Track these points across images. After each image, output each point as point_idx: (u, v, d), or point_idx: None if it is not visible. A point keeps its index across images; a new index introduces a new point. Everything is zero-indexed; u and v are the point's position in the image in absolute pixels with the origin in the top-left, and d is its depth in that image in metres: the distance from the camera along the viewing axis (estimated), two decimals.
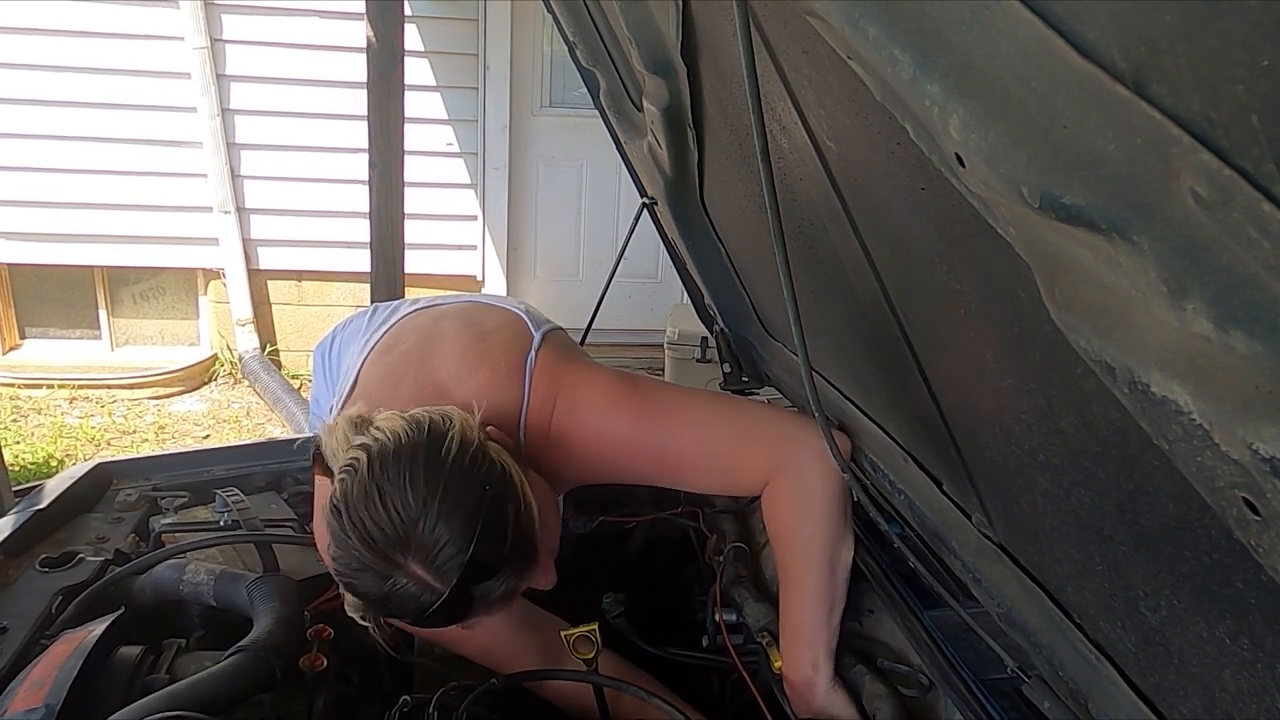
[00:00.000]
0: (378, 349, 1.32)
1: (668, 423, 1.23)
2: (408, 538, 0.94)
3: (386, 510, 0.95)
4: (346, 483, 0.97)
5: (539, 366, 1.23)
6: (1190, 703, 0.71)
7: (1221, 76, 0.35)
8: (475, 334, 1.28)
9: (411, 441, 0.99)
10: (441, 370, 1.23)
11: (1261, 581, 0.53)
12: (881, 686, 1.19)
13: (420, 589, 0.95)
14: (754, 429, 1.25)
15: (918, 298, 0.87)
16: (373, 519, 0.95)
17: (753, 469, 1.25)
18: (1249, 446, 0.40)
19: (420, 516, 0.94)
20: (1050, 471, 0.75)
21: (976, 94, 0.47)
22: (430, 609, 0.96)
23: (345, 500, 0.97)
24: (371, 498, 0.95)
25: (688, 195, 1.52)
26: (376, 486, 0.95)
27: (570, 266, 5.31)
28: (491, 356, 1.23)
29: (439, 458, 0.98)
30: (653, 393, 1.27)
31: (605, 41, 1.57)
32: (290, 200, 4.81)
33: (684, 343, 3.95)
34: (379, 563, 0.95)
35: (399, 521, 0.94)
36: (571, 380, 1.24)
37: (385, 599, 0.96)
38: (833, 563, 1.24)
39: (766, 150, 0.75)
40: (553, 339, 1.30)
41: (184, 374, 4.83)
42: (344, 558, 0.97)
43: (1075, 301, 0.49)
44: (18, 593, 1.24)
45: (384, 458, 0.97)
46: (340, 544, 0.97)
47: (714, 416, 1.26)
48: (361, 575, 0.96)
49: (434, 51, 4.68)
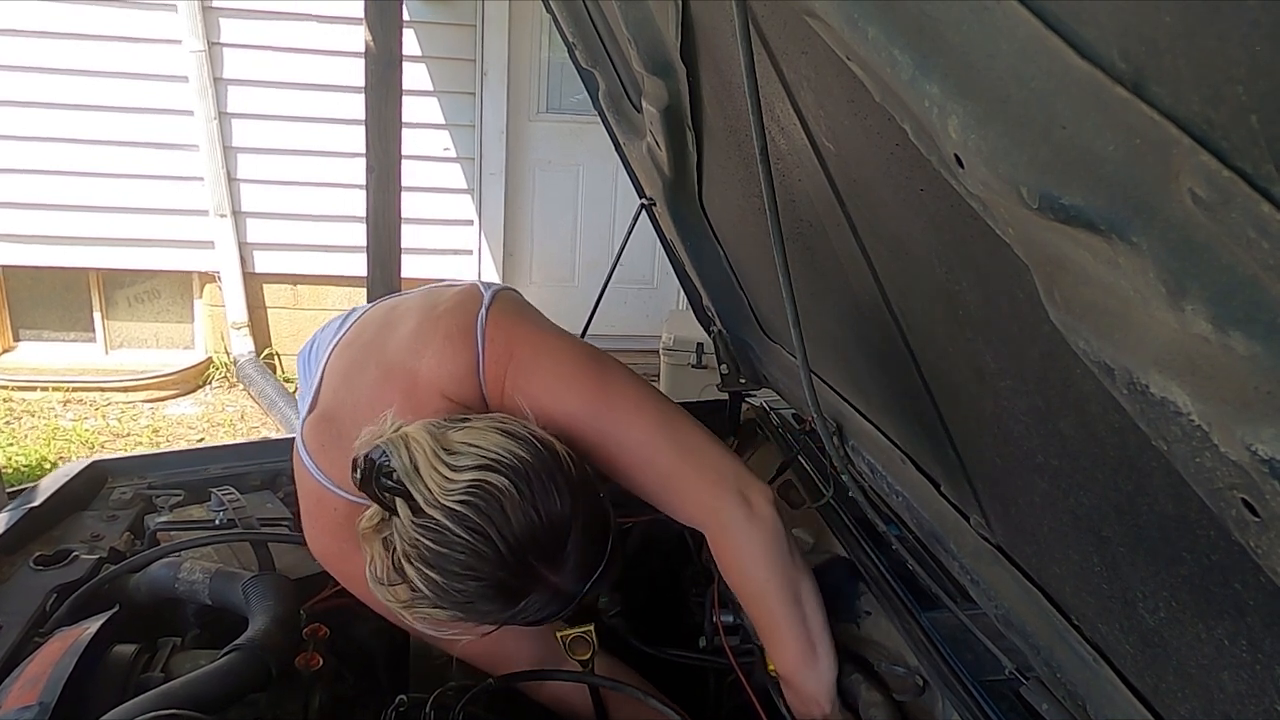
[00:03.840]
0: (340, 345, 1.32)
1: (619, 414, 1.19)
2: (556, 550, 0.98)
3: (544, 525, 0.97)
4: (485, 505, 0.96)
5: (490, 322, 1.19)
6: (1188, 704, 0.71)
7: (1221, 77, 0.35)
8: (427, 308, 1.26)
9: (538, 456, 1.01)
10: (399, 351, 1.21)
11: (1260, 583, 0.53)
12: (877, 694, 1.19)
13: (549, 599, 0.99)
14: (694, 460, 1.21)
15: (916, 298, 0.87)
16: (531, 535, 0.97)
17: (686, 499, 1.22)
18: (1248, 447, 0.40)
19: (569, 527, 0.98)
20: (1049, 473, 0.76)
21: (976, 94, 0.48)
22: (555, 616, 1.02)
23: (491, 521, 0.95)
24: (529, 516, 0.96)
25: (686, 196, 1.53)
26: (531, 506, 0.97)
27: (566, 271, 5.31)
28: (443, 324, 1.21)
29: (566, 470, 1.02)
30: (616, 374, 1.22)
31: (605, 42, 1.57)
32: (286, 204, 4.80)
33: (679, 348, 3.96)
34: (524, 579, 0.98)
35: (553, 534, 0.98)
36: (531, 339, 1.20)
37: (511, 617, 1.00)
38: (796, 603, 1.21)
39: (766, 151, 0.75)
40: (504, 298, 1.26)
41: (178, 377, 4.82)
42: (479, 578, 0.96)
43: (1074, 302, 0.49)
44: (12, 590, 1.24)
45: (524, 477, 0.98)
46: (473, 566, 0.95)
47: (664, 430, 1.21)
48: (495, 593, 0.97)
49: (431, 56, 4.68)
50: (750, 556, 1.19)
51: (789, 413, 1.90)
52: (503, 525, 0.95)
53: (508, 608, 0.98)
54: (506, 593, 0.97)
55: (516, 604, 0.98)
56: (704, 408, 2.03)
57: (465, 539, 0.95)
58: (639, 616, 1.47)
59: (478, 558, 0.95)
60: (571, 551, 0.99)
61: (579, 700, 1.24)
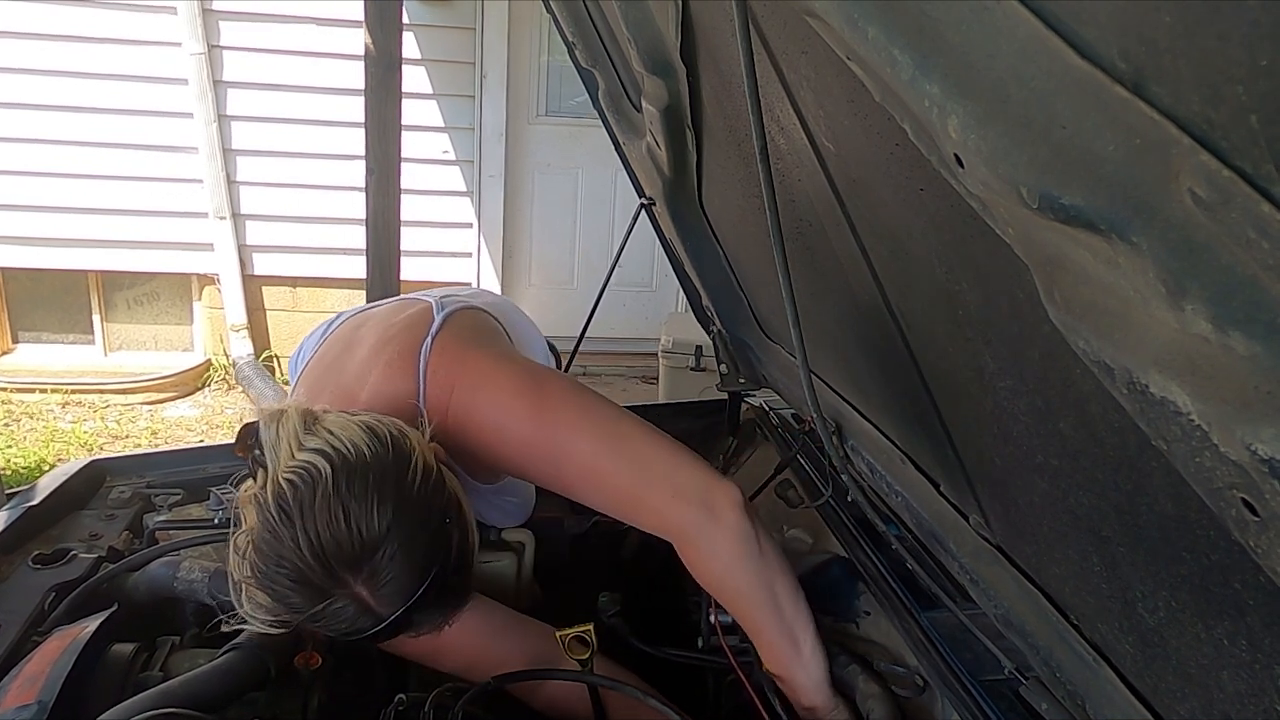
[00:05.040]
0: (311, 364, 1.31)
1: (565, 441, 1.15)
2: (364, 561, 0.93)
3: (350, 530, 0.92)
4: (301, 491, 0.94)
5: (435, 350, 1.17)
6: (1188, 704, 0.71)
7: (1221, 77, 0.35)
8: (380, 331, 1.25)
9: (379, 460, 0.97)
10: (351, 376, 1.20)
11: (1260, 582, 0.53)
12: (875, 686, 1.19)
13: (359, 612, 0.94)
14: (649, 474, 1.17)
15: (916, 298, 0.87)
16: (333, 536, 0.92)
17: (648, 513, 1.19)
18: (1248, 447, 0.40)
19: (383, 544, 0.93)
20: (1048, 472, 0.76)
21: (976, 94, 0.48)
22: (364, 632, 0.95)
23: (301, 508, 0.93)
24: (335, 516, 0.92)
25: (686, 196, 1.53)
26: (342, 505, 0.93)
27: (565, 274, 5.31)
28: (388, 350, 1.19)
29: (405, 484, 0.97)
30: (558, 402, 1.17)
31: (604, 42, 1.57)
32: (286, 206, 4.81)
33: (678, 351, 3.97)
34: (327, 580, 0.93)
35: (360, 544, 0.93)
36: (473, 367, 1.17)
37: (316, 615, 0.94)
38: (774, 604, 1.19)
39: (765, 151, 0.75)
40: (455, 322, 1.23)
41: (177, 379, 4.82)
42: (280, 567, 0.93)
43: (1074, 302, 0.49)
44: (10, 589, 1.24)
45: (350, 474, 0.95)
46: (278, 550, 0.93)
47: (613, 448, 1.16)
48: (297, 588, 0.93)
49: (431, 59, 4.69)
50: (718, 563, 1.17)
51: (788, 413, 1.90)
52: (308, 515, 0.92)
53: (313, 604, 0.94)
54: (309, 588, 0.93)
55: (320, 603, 0.93)
56: (704, 408, 2.04)
57: (274, 519, 0.94)
58: (638, 616, 1.47)
59: (279, 542, 0.93)
60: (382, 567, 0.93)
61: (578, 700, 1.24)
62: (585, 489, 1.18)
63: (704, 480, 1.17)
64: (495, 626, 1.27)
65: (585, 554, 1.72)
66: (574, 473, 1.16)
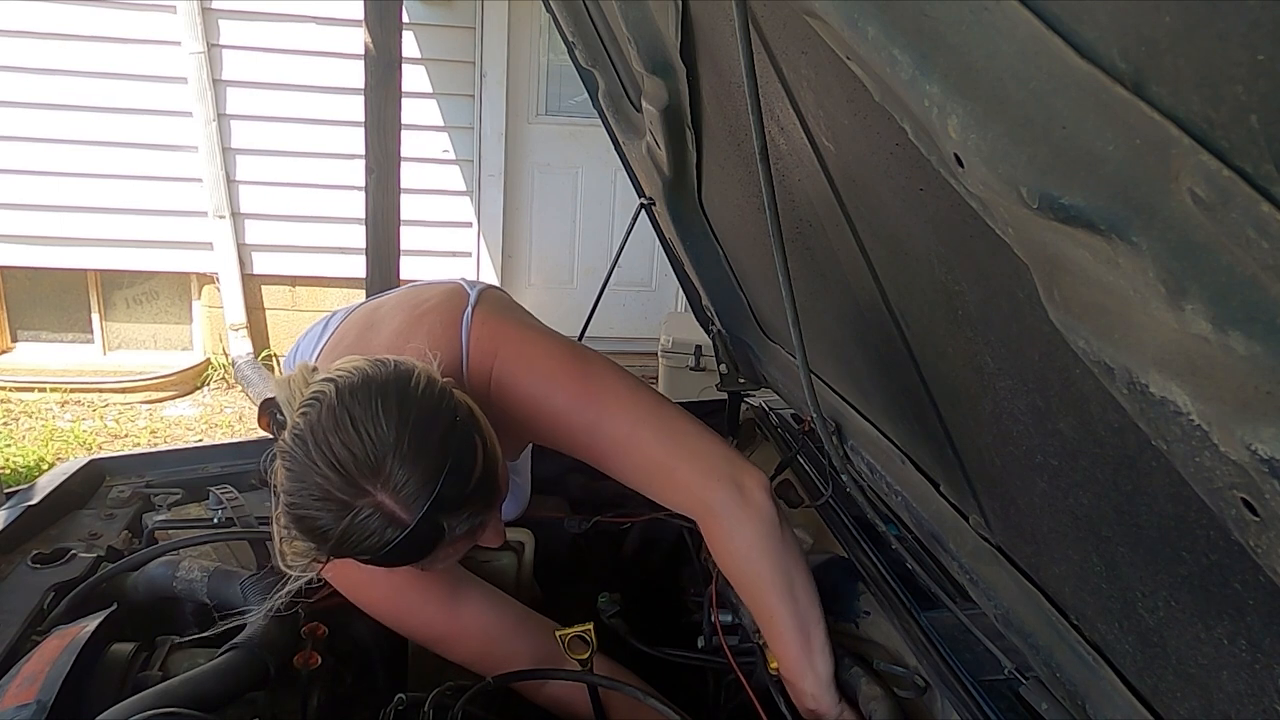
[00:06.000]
0: (325, 350, 1.32)
1: (606, 409, 1.19)
2: (380, 464, 0.93)
3: (359, 435, 0.93)
4: (311, 414, 0.95)
5: (476, 320, 1.20)
6: (1188, 704, 0.71)
7: (1221, 76, 0.35)
8: (411, 307, 1.26)
9: (381, 375, 0.98)
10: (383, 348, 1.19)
11: (1260, 582, 0.53)
12: (877, 688, 1.19)
13: (385, 521, 0.93)
14: (684, 449, 1.20)
15: (916, 298, 0.87)
16: (344, 443, 0.93)
17: (676, 487, 1.21)
18: (1248, 447, 0.40)
19: (394, 445, 0.93)
20: (1048, 472, 0.76)
21: (975, 94, 0.48)
22: (393, 543, 0.94)
23: (311, 428, 0.94)
24: (343, 423, 0.93)
25: (686, 196, 1.53)
26: (348, 413, 0.94)
27: (565, 274, 5.31)
28: (427, 320, 1.21)
29: (409, 390, 0.97)
30: (599, 372, 1.21)
31: (604, 41, 1.57)
32: (285, 205, 4.80)
33: (678, 351, 3.97)
34: (347, 489, 0.93)
35: (371, 447, 0.93)
36: (516, 336, 1.21)
37: (346, 533, 0.93)
38: (790, 592, 1.20)
39: (765, 151, 0.75)
40: (489, 296, 1.26)
41: (177, 378, 4.82)
42: (304, 489, 0.94)
43: (1074, 302, 0.49)
44: (10, 588, 1.24)
45: (353, 388, 0.96)
46: (300, 474, 0.94)
47: (652, 419, 1.21)
48: (323, 506, 0.93)
49: (431, 59, 4.68)
50: (742, 543, 1.19)
51: (788, 413, 1.90)
52: (318, 432, 0.93)
53: (340, 519, 0.93)
54: (333, 503, 0.93)
55: (347, 517, 0.93)
56: (703, 408, 2.04)
57: (293, 449, 0.95)
58: (638, 616, 1.47)
59: (300, 466, 0.94)
60: (397, 468, 0.93)
61: (578, 700, 1.24)
62: (618, 459, 1.21)
63: (735, 462, 1.21)
64: (506, 621, 1.27)
65: (585, 554, 1.72)
66: (609, 441, 1.19)
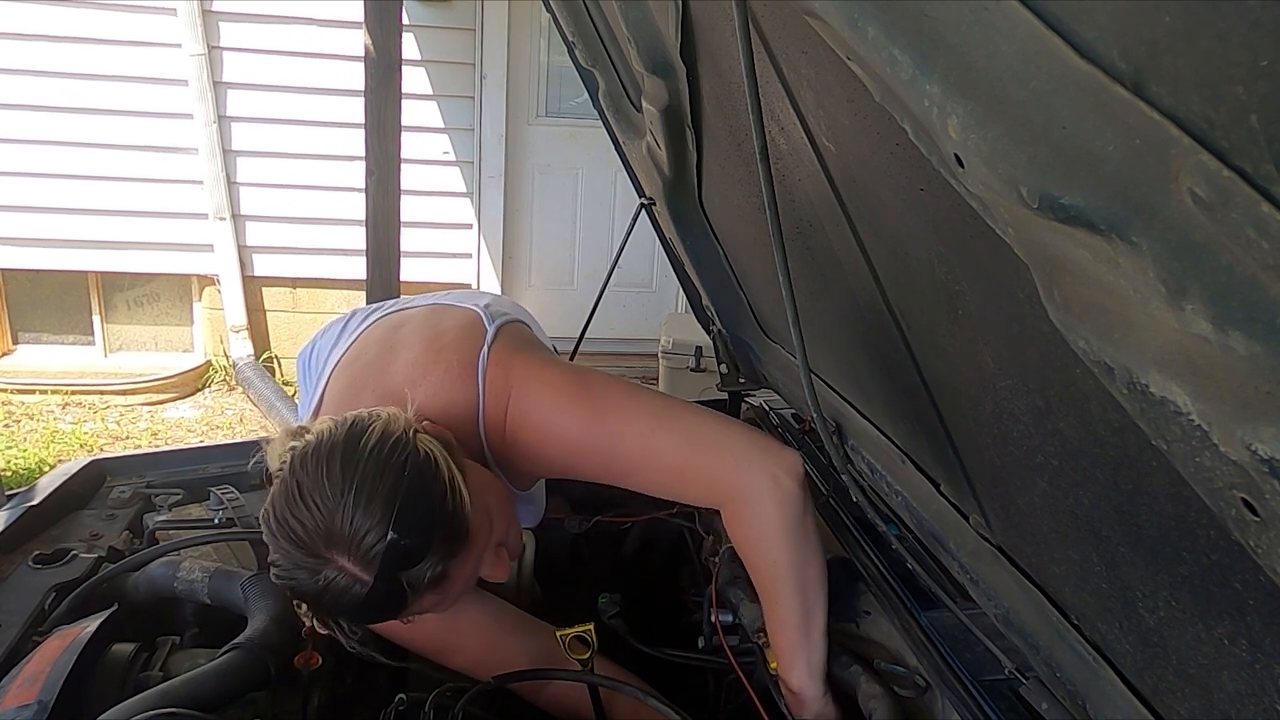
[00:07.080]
0: (343, 363, 1.32)
1: (617, 427, 1.20)
2: (329, 531, 0.95)
3: (307, 505, 0.96)
4: (275, 487, 1.00)
5: (492, 362, 1.21)
6: (1188, 704, 0.71)
7: (1221, 77, 0.35)
8: (430, 337, 1.27)
9: (331, 438, 1.00)
10: (397, 378, 1.22)
11: (1260, 582, 0.53)
12: (877, 687, 1.19)
13: (350, 581, 0.95)
14: (704, 444, 1.21)
15: (916, 298, 0.87)
16: (295, 515, 0.96)
17: (702, 483, 1.22)
18: (1248, 447, 0.40)
19: (337, 507, 0.95)
20: (1048, 472, 0.76)
21: (975, 94, 0.48)
22: (362, 601, 0.96)
23: (273, 502, 0.98)
24: (293, 495, 0.96)
25: (686, 196, 1.53)
26: (298, 483, 0.97)
27: (565, 275, 5.31)
28: (444, 357, 1.22)
29: (355, 449, 0.98)
30: (605, 394, 1.23)
31: (604, 41, 1.57)
32: (285, 207, 4.80)
33: (678, 351, 3.97)
34: (308, 560, 0.96)
35: (319, 515, 0.95)
36: (525, 375, 1.22)
37: (320, 596, 0.96)
38: (800, 582, 1.21)
39: (765, 151, 0.75)
40: (507, 333, 1.28)
41: (178, 380, 4.82)
42: (280, 560, 0.98)
43: (1074, 302, 0.49)
44: (11, 589, 1.24)
45: (305, 457, 0.99)
46: (274, 547, 0.98)
47: (665, 425, 1.21)
48: (296, 574, 0.97)
49: (431, 60, 4.69)
50: (766, 526, 1.20)
51: (788, 412, 1.90)
52: (278, 505, 0.98)
53: (312, 584, 0.96)
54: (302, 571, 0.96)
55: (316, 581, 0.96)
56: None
57: (263, 523, 1.00)
58: (638, 616, 1.47)
59: (269, 536, 0.98)
60: (348, 529, 0.94)
61: (579, 701, 1.24)
62: (640, 472, 1.22)
63: (768, 448, 1.22)
64: (504, 626, 1.27)
65: (585, 554, 1.72)
66: (627, 457, 1.20)
